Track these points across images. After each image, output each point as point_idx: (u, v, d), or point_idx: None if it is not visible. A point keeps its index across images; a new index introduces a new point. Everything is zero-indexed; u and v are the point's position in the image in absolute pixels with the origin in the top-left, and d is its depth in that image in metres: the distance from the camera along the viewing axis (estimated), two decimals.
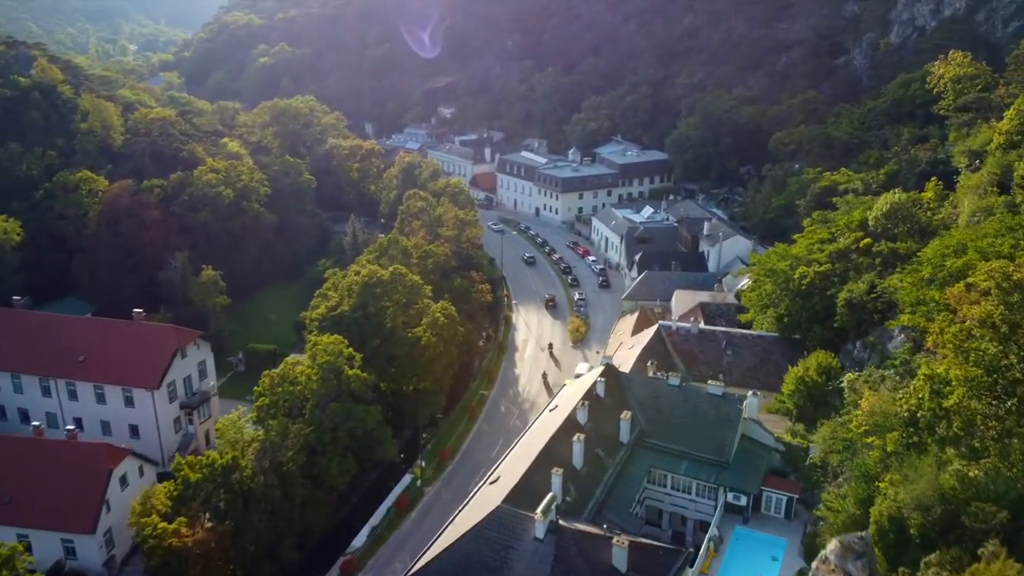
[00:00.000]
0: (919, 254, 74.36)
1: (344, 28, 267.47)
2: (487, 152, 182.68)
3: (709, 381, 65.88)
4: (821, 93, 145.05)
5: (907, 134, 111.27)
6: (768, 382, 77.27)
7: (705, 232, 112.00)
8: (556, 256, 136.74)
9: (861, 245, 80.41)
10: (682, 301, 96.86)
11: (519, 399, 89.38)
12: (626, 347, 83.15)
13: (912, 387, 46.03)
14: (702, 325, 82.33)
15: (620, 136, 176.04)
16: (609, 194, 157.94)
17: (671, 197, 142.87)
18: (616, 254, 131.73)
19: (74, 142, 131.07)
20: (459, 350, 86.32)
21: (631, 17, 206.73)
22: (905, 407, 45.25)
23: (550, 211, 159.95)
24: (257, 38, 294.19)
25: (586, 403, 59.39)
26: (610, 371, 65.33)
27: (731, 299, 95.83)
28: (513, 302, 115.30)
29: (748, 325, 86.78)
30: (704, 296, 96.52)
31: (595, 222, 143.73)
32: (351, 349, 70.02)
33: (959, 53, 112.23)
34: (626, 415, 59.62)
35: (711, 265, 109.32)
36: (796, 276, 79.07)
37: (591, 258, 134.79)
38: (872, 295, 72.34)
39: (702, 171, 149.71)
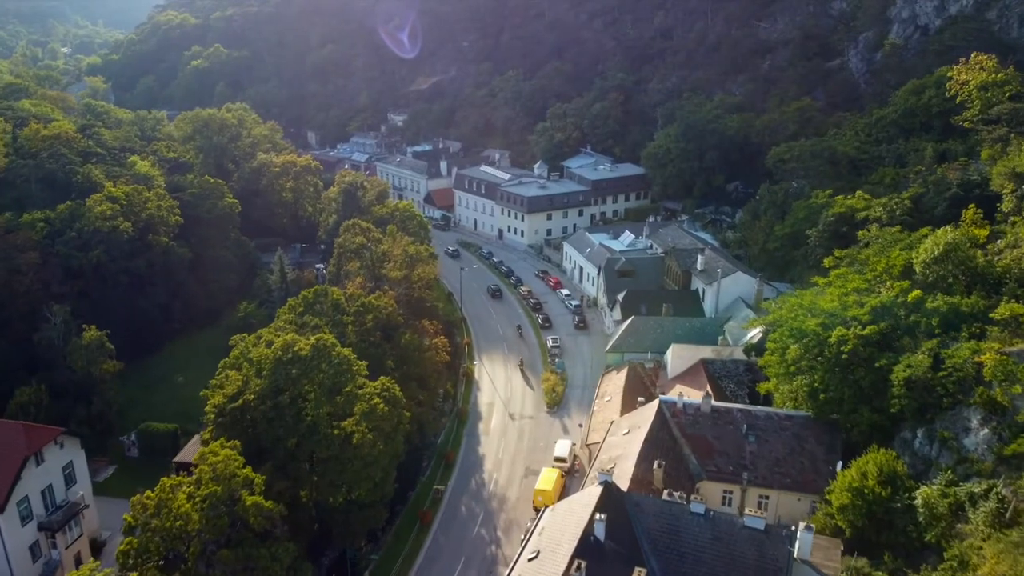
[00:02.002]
0: (995, 315, 58.66)
1: (285, 28, 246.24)
2: (443, 165, 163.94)
3: (748, 511, 48.47)
4: (815, 100, 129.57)
5: (930, 150, 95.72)
6: (803, 479, 60.48)
7: (699, 266, 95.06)
8: (524, 289, 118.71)
9: (910, 299, 63.93)
10: (679, 357, 79.63)
11: (485, 493, 70.99)
12: (620, 431, 65.39)
13: None
14: (714, 402, 64.96)
15: (590, 147, 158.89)
16: (580, 214, 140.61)
17: (652, 219, 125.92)
18: (592, 287, 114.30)
19: None
20: (408, 432, 67.73)
21: (597, 15, 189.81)
22: None
23: (515, 233, 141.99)
24: (192, 39, 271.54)
25: (582, 564, 41.37)
26: (610, 496, 47.46)
27: (739, 354, 78.90)
28: (475, 362, 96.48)
29: (767, 396, 69.96)
30: (706, 351, 79.37)
31: (567, 248, 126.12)
32: (249, 469, 50.84)
33: (983, 56, 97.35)
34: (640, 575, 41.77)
35: (708, 307, 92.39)
36: (833, 340, 62.13)
37: (564, 291, 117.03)
38: (941, 372, 55.82)
39: (684, 188, 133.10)
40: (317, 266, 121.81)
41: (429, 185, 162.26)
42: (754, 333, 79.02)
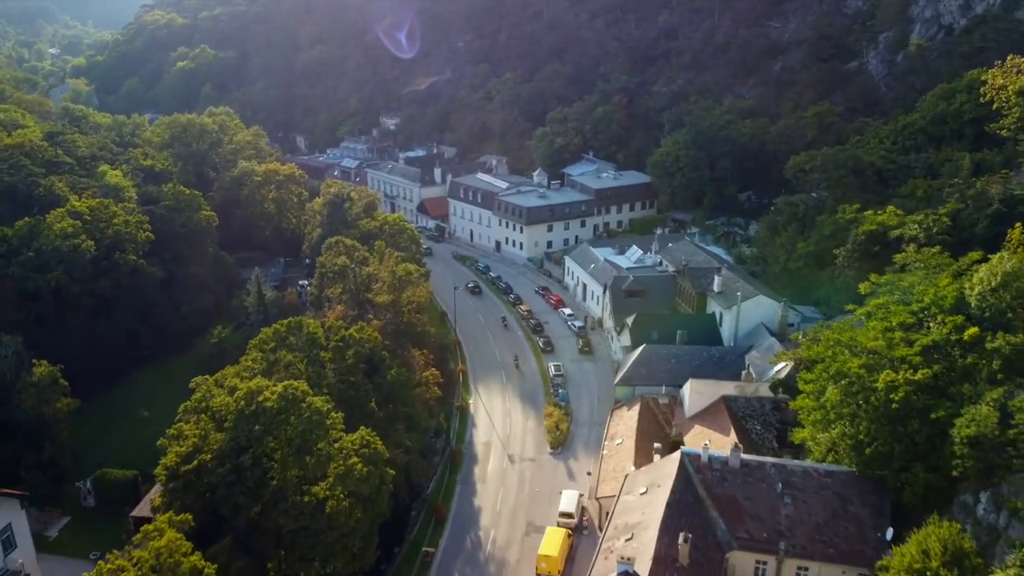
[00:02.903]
0: None
1: (274, 28, 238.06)
2: (437, 172, 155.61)
3: None
4: (833, 104, 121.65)
5: (968, 161, 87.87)
6: (848, 549, 52.37)
7: (716, 288, 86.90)
8: (524, 308, 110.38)
9: (966, 337, 55.82)
10: (698, 394, 71.57)
11: (481, 556, 62.63)
12: (636, 488, 57.26)
13: None
14: (744, 455, 56.80)
15: (592, 153, 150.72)
16: (583, 225, 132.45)
17: (660, 231, 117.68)
18: (597, 306, 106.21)
19: None
20: (394, 486, 59.51)
21: (598, 15, 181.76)
22: None
23: (513, 245, 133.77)
24: (178, 39, 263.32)
25: None
26: None
27: (764, 391, 70.85)
28: (470, 396, 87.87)
29: (801, 447, 61.95)
30: (728, 387, 71.31)
31: (569, 262, 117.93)
32: (198, 556, 42.58)
33: (1021, 59, 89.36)
34: None
35: (726, 333, 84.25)
36: (880, 386, 54.07)
37: (566, 310, 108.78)
38: (1012, 430, 47.76)
39: (694, 198, 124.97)
40: (301, 283, 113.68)
41: (422, 193, 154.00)
42: (781, 367, 70.94)
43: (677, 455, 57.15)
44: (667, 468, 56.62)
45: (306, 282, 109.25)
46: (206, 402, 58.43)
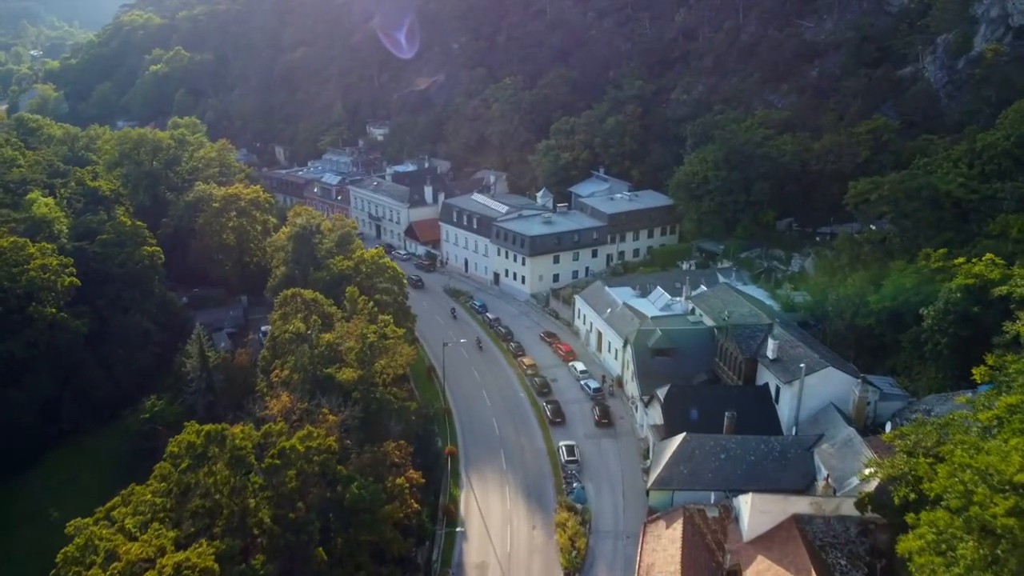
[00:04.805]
0: None
1: (254, 28, 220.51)
2: (428, 191, 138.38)
3: None
4: (887, 118, 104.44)
5: None
6: None
7: (770, 353, 69.43)
8: (527, 361, 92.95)
9: None
10: (760, 513, 54.01)
11: None
12: None
13: None
14: None
15: (603, 170, 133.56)
16: (594, 255, 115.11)
17: (686, 265, 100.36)
18: (615, 360, 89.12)
19: None
20: None
21: (607, 13, 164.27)
22: None
23: (514, 278, 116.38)
24: (154, 41, 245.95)
25: None
26: None
27: (848, 508, 53.48)
28: (461, 495, 69.60)
29: None
30: (801, 504, 53.86)
31: (580, 303, 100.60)
32: None
33: None
34: None
35: (784, 413, 66.91)
36: None
37: (578, 365, 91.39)
38: None
39: (725, 225, 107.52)
40: (263, 328, 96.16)
41: (411, 215, 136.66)
42: (869, 482, 53.56)
43: None
44: None
45: (268, 328, 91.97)
46: (92, 554, 41.37)
